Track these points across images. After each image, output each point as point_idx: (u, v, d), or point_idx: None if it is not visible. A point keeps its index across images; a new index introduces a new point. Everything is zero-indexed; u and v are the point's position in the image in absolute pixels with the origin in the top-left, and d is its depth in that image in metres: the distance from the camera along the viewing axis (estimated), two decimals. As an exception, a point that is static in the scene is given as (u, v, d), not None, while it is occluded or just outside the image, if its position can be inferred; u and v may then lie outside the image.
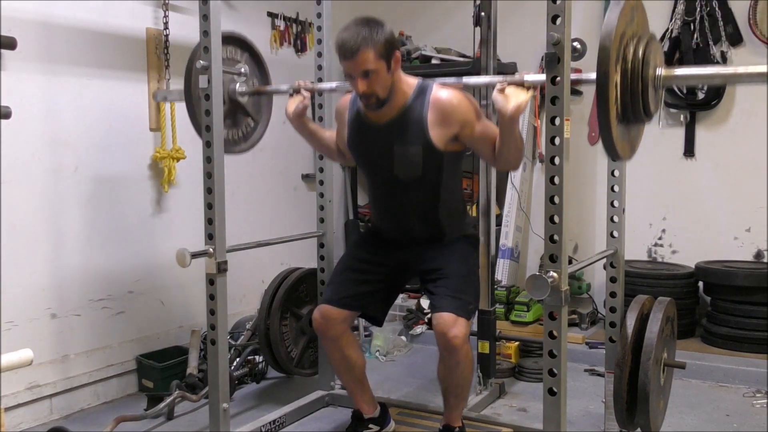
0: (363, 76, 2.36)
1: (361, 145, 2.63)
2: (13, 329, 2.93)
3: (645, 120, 2.05)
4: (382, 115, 2.50)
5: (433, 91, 2.46)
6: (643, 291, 3.18)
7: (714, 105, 4.05)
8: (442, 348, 2.47)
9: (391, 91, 2.43)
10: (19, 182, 2.95)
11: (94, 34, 3.22)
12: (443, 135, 2.45)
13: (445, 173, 2.54)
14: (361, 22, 2.39)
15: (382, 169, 2.58)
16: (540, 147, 4.43)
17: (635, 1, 2.01)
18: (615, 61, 1.88)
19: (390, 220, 2.69)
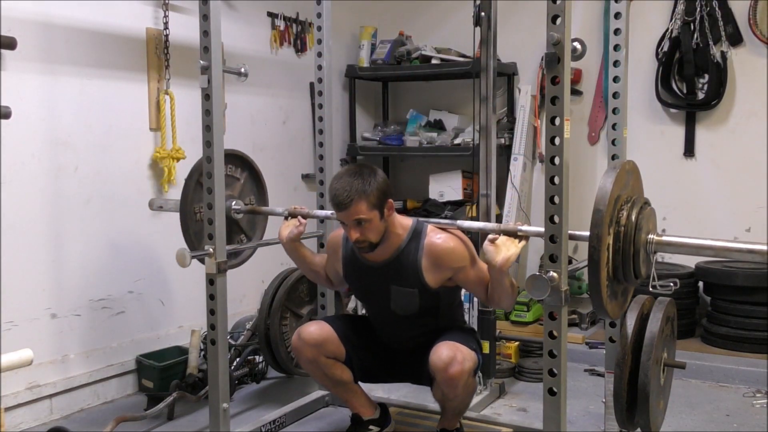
0: (356, 225, 2.40)
1: (357, 281, 2.68)
2: (13, 329, 2.93)
3: (634, 282, 2.10)
4: (377, 256, 2.53)
5: (428, 236, 2.49)
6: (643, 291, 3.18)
7: (714, 105, 4.05)
8: (440, 382, 2.44)
9: (384, 234, 2.47)
10: (19, 182, 2.95)
11: (94, 34, 3.22)
12: (437, 278, 2.50)
13: (442, 305, 2.59)
14: (353, 172, 2.41)
15: (379, 304, 2.63)
16: (540, 147, 4.43)
17: (631, 165, 2.08)
18: (608, 225, 1.94)
19: (388, 340, 2.72)
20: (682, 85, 4.14)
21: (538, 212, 4.41)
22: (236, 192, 2.93)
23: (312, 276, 2.92)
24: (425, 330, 2.62)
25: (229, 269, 2.62)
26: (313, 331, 2.61)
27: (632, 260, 2.02)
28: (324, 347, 2.60)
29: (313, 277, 2.93)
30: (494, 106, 3.18)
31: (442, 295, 2.55)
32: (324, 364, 2.63)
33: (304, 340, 2.60)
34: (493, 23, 3.11)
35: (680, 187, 4.19)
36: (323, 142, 3.17)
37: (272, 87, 4.23)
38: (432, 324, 2.62)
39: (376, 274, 2.57)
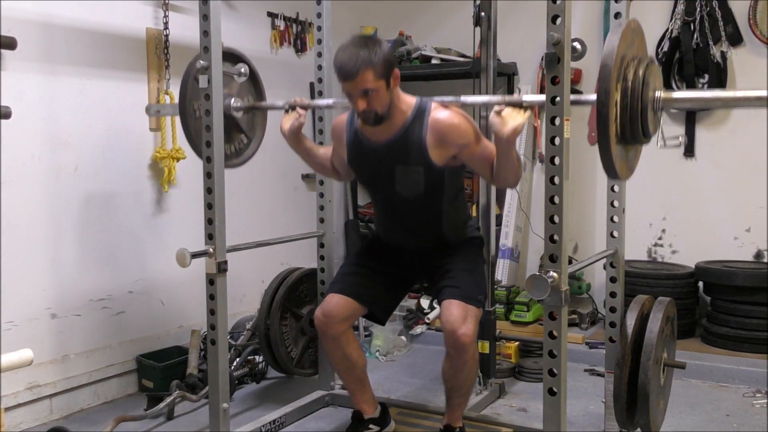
0: (362, 95, 2.38)
1: (362, 164, 2.66)
2: (13, 329, 2.93)
3: (643, 141, 2.07)
4: (381, 135, 2.51)
5: (432, 112, 2.47)
6: (643, 291, 3.18)
7: (714, 105, 4.05)
8: (449, 346, 2.48)
9: (390, 109, 2.45)
10: (19, 182, 2.95)
11: (94, 34, 3.22)
12: (442, 155, 2.48)
13: (447, 188, 2.57)
14: (358, 42, 2.39)
15: (384, 187, 2.61)
16: (540, 147, 4.43)
17: (636, 24, 2.03)
18: (616, 81, 1.90)
19: (394, 234, 2.73)
20: (682, 85, 4.14)
21: (538, 212, 4.41)
22: (234, 92, 2.89)
23: (318, 168, 2.91)
24: (432, 213, 2.59)
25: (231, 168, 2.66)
26: (335, 306, 2.64)
27: (640, 117, 1.97)
28: (349, 319, 2.68)
29: (319, 170, 2.93)
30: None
31: (447, 175, 2.52)
32: (345, 342, 2.67)
33: (329, 317, 2.63)
34: (493, 23, 3.11)
35: (680, 187, 4.19)
36: (323, 142, 3.17)
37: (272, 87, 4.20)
38: (437, 209, 2.59)
39: (380, 155, 2.54)
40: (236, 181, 3.91)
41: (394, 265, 2.74)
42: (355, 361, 2.73)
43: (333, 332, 2.65)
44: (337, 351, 2.70)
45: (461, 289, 2.52)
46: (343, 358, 2.71)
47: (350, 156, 2.66)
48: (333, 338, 2.67)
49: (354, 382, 2.77)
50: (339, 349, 2.69)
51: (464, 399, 2.69)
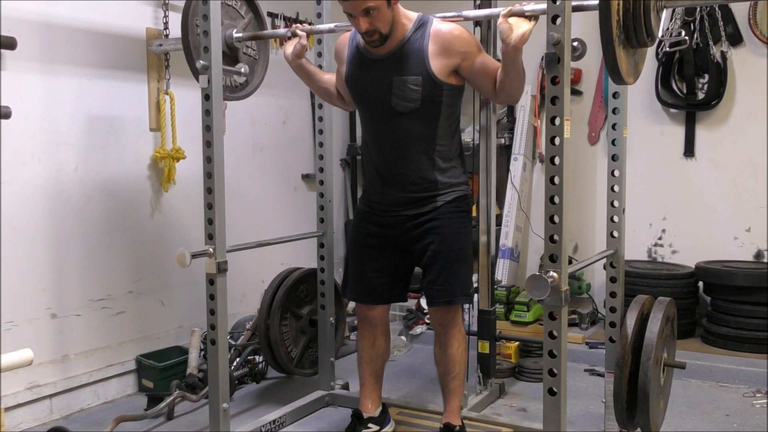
0: (364, 14, 2.37)
1: (359, 79, 2.61)
2: (13, 329, 2.93)
3: (647, 44, 2.04)
4: (383, 48, 2.51)
5: (434, 24, 2.48)
6: (643, 291, 3.18)
7: (714, 105, 4.05)
8: (435, 324, 2.68)
9: (392, 25, 2.45)
10: (19, 182, 2.95)
11: (94, 34, 3.22)
12: (444, 65, 2.47)
13: (443, 108, 2.53)
14: None
15: (379, 102, 2.55)
16: (540, 147, 4.43)
17: None
18: None
19: (384, 160, 2.63)
20: (682, 85, 4.14)
21: (538, 212, 4.41)
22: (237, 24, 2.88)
23: (323, 94, 2.90)
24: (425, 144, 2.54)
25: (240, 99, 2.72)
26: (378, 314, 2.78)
27: (643, 20, 1.95)
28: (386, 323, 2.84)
29: (325, 97, 2.92)
30: (494, 106, 3.19)
31: (445, 93, 2.50)
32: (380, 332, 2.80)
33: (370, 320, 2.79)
34: (493, 24, 3.11)
35: (680, 187, 4.19)
36: (323, 142, 3.17)
37: (272, 87, 4.23)
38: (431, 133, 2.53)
39: (380, 66, 2.53)
40: (236, 181, 3.92)
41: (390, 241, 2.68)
42: (381, 352, 2.81)
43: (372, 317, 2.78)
44: (368, 337, 2.79)
45: (447, 292, 2.59)
46: (371, 345, 2.79)
47: (348, 71, 2.63)
48: (370, 325, 2.79)
49: (370, 374, 2.82)
50: (371, 335, 2.79)
51: (458, 384, 2.71)
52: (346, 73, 2.64)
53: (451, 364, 2.68)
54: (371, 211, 2.72)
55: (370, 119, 2.66)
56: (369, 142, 2.69)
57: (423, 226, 2.60)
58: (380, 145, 2.63)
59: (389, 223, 2.66)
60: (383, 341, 2.82)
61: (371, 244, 2.72)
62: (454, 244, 2.59)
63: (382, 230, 2.69)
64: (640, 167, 4.10)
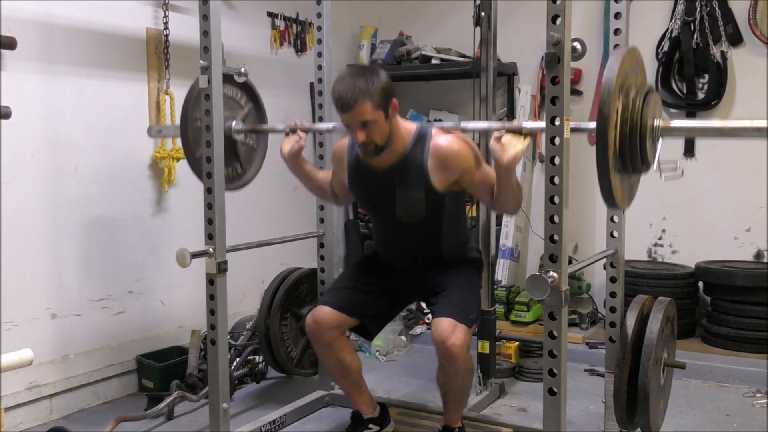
0: (361, 126, 2.37)
1: (362, 188, 2.66)
2: (13, 329, 2.93)
3: (642, 170, 2.07)
4: (383, 161, 2.51)
5: (433, 138, 2.48)
6: (643, 291, 3.18)
7: (714, 105, 4.04)
8: (440, 356, 2.47)
9: (390, 137, 2.45)
10: (19, 182, 2.95)
11: (94, 34, 3.22)
12: (444, 180, 2.48)
13: (447, 212, 2.57)
14: (356, 72, 2.39)
15: (384, 211, 2.61)
16: (540, 147, 4.43)
17: (635, 51, 2.04)
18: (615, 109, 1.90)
19: (394, 254, 2.73)
20: (682, 85, 4.14)
21: (538, 212, 4.41)
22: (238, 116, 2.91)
23: (317, 192, 2.92)
24: (431, 240, 2.60)
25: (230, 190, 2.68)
26: (326, 314, 2.62)
27: (639, 149, 1.97)
28: (341, 327, 2.65)
29: (318, 194, 2.94)
30: (494, 106, 3.19)
31: (448, 199, 2.53)
32: (338, 348, 2.66)
33: (320, 324, 2.62)
34: (493, 23, 3.11)
35: (680, 187, 4.19)
36: (323, 142, 3.17)
37: (272, 87, 4.23)
38: (437, 232, 2.59)
39: (381, 179, 2.54)
40: (236, 181, 3.91)
41: (391, 282, 2.73)
42: (349, 365, 2.71)
43: (325, 339, 2.64)
44: (329, 356, 2.69)
45: (453, 306, 2.50)
46: (336, 363, 2.70)
47: (351, 180, 2.67)
48: (325, 344, 2.65)
49: (350, 385, 2.76)
50: (332, 355, 2.68)
51: (460, 404, 2.68)
52: (349, 181, 2.67)
53: (454, 392, 2.61)
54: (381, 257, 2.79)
55: (376, 221, 2.77)
56: (376, 231, 2.79)
57: (433, 271, 2.65)
58: (388, 239, 2.73)
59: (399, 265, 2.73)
60: (346, 355, 2.70)
61: (375, 270, 2.75)
62: (462, 280, 2.62)
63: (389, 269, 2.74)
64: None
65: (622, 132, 1.94)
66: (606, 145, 1.88)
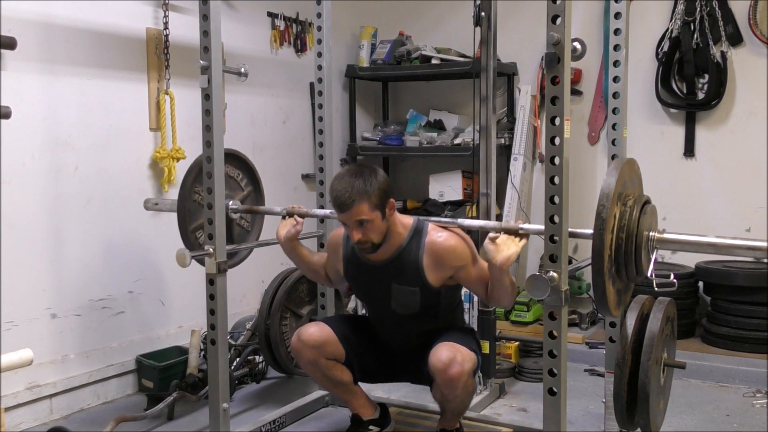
0: (358, 225, 2.40)
1: (358, 281, 2.68)
2: (13, 329, 2.93)
3: (636, 280, 2.11)
4: (379, 255, 2.53)
5: (429, 234, 2.49)
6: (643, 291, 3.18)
7: (714, 105, 4.05)
8: (440, 383, 2.44)
9: (386, 235, 2.47)
10: (19, 182, 2.95)
11: (94, 34, 3.22)
12: (439, 277, 2.50)
13: (443, 305, 2.59)
14: (354, 172, 2.41)
15: (380, 302, 2.62)
16: (540, 147, 4.43)
17: (633, 162, 2.10)
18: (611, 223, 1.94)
19: (388, 339, 2.72)
20: (682, 85, 4.14)
21: (538, 212, 4.41)
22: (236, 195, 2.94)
23: (311, 275, 2.92)
24: (426, 329, 2.62)
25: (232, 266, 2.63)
26: (313, 332, 2.60)
27: (634, 257, 2.02)
28: (324, 349, 2.60)
29: (312, 276, 2.94)
30: (494, 106, 3.19)
31: (443, 293, 2.55)
32: (324, 366, 2.62)
33: (304, 342, 2.60)
34: (493, 23, 3.11)
35: (680, 187, 4.19)
36: (323, 142, 3.17)
37: (272, 87, 4.23)
38: (432, 323, 2.62)
39: (377, 273, 2.57)
40: (236, 181, 3.91)
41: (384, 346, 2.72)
42: (338, 379, 2.67)
43: (308, 357, 2.61)
44: (316, 373, 2.67)
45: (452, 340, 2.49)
46: (324, 378, 2.68)
47: (346, 270, 2.69)
48: (309, 362, 2.62)
49: (343, 394, 2.75)
50: (318, 371, 2.65)
51: (458, 415, 2.68)
52: (345, 272, 2.69)
53: (453, 409, 2.60)
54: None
55: (371, 311, 2.77)
56: (370, 316, 2.79)
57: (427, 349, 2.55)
58: (382, 326, 2.72)
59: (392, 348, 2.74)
60: (334, 372, 2.64)
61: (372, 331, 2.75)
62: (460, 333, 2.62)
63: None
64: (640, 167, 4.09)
65: (618, 239, 1.98)
66: (602, 249, 1.91)
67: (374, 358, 2.72)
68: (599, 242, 1.91)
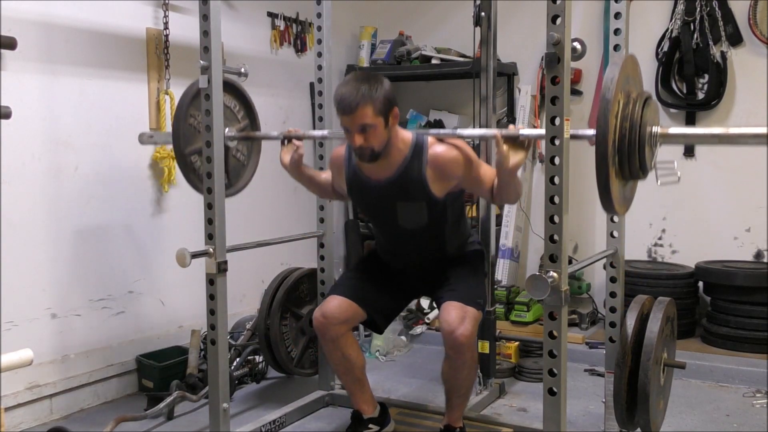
0: (360, 130, 2.39)
1: (363, 200, 2.71)
2: (13, 329, 2.93)
3: (640, 177, 2.07)
4: (381, 173, 2.54)
5: (430, 149, 2.50)
6: (643, 291, 3.18)
7: (714, 105, 4.04)
8: (448, 347, 2.50)
9: (387, 146, 2.47)
10: (19, 182, 2.95)
11: (94, 34, 3.22)
12: (443, 187, 2.53)
13: (449, 214, 2.61)
14: (360, 78, 2.41)
15: (386, 220, 2.65)
16: (540, 147, 4.43)
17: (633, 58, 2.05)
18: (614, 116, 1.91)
19: (396, 258, 2.76)
20: (682, 85, 4.14)
21: (538, 212, 4.41)
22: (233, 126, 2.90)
23: (321, 193, 2.94)
24: (435, 243, 2.65)
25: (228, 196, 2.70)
26: (335, 308, 2.63)
27: (638, 150, 1.98)
28: (349, 322, 2.67)
29: (322, 194, 2.96)
30: (494, 106, 3.19)
31: (449, 202, 2.57)
32: (344, 344, 2.66)
33: (328, 319, 2.63)
34: (493, 23, 3.11)
35: (680, 187, 4.17)
36: (323, 142, 3.17)
37: (272, 87, 4.23)
38: (441, 234, 2.64)
39: (380, 192, 2.57)
40: (236, 181, 3.91)
41: (395, 277, 2.77)
42: (354, 361, 2.72)
43: (332, 334, 2.64)
44: (335, 352, 2.69)
45: (459, 292, 2.56)
46: (342, 359, 2.70)
47: (350, 190, 2.69)
48: (332, 340, 2.66)
49: (353, 383, 2.77)
50: (338, 350, 2.68)
51: (464, 399, 2.70)
52: (349, 191, 2.70)
53: (459, 387, 2.64)
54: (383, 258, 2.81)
55: (378, 229, 2.80)
56: (377, 234, 2.83)
57: (438, 265, 2.69)
58: (390, 243, 2.76)
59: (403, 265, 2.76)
60: (352, 351, 2.70)
61: (378, 268, 2.78)
62: (465, 270, 2.67)
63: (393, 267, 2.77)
64: (640, 167, 4.10)
65: (621, 128, 1.94)
66: (607, 132, 1.88)
67: (390, 297, 2.76)
68: (604, 124, 1.86)
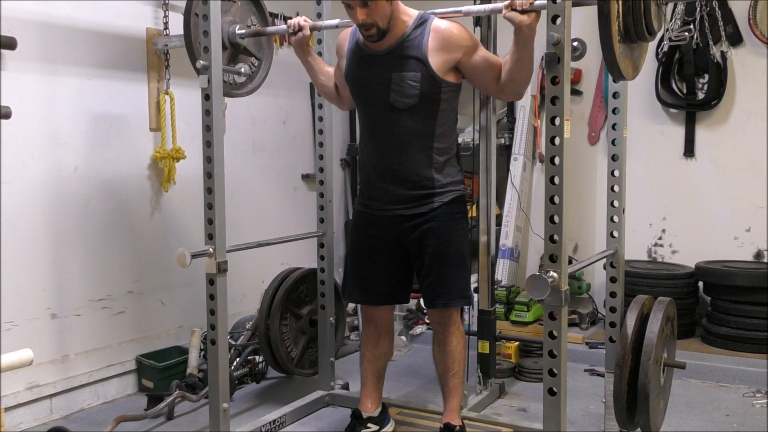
0: (362, 5, 2.38)
1: (358, 74, 2.61)
2: (13, 329, 2.93)
3: (648, 38, 2.02)
4: (382, 44, 2.51)
5: (434, 21, 2.49)
6: (643, 291, 3.18)
7: (714, 105, 4.05)
8: (434, 323, 2.70)
9: (391, 21, 2.45)
10: (19, 182, 2.95)
11: (94, 34, 3.22)
12: (443, 61, 2.47)
13: (442, 105, 2.53)
14: None
15: (378, 98, 2.55)
16: (540, 147, 4.43)
17: None
18: None
19: (382, 156, 2.62)
20: (682, 85, 4.14)
21: (538, 212, 4.41)
22: (236, 16, 2.85)
23: (322, 89, 2.91)
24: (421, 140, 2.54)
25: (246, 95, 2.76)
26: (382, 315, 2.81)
27: (643, 13, 1.92)
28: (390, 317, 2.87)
29: (323, 90, 2.93)
30: (494, 106, 3.19)
31: (444, 91, 2.50)
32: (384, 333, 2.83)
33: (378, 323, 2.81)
34: (493, 23, 3.11)
35: (680, 187, 4.19)
36: (323, 142, 3.17)
37: (272, 87, 4.23)
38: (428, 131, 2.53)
39: (379, 63, 2.53)
40: (236, 181, 3.92)
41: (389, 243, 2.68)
42: (384, 352, 2.83)
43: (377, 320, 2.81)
44: (372, 334, 2.81)
45: (445, 292, 2.60)
46: (375, 344, 2.81)
47: (348, 67, 2.64)
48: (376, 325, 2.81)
49: (372, 374, 2.83)
50: (375, 334, 2.80)
51: (458, 382, 2.72)
52: (346, 69, 2.65)
53: (450, 361, 2.69)
54: (367, 210, 2.71)
55: (368, 115, 2.65)
56: (367, 138, 2.69)
57: (419, 228, 2.60)
58: (378, 141, 2.63)
59: (386, 223, 2.65)
60: (386, 342, 2.83)
61: (369, 246, 2.72)
62: (451, 246, 2.59)
63: (379, 231, 2.68)
64: (640, 167, 4.10)
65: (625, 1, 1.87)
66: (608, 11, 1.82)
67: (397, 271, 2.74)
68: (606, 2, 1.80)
